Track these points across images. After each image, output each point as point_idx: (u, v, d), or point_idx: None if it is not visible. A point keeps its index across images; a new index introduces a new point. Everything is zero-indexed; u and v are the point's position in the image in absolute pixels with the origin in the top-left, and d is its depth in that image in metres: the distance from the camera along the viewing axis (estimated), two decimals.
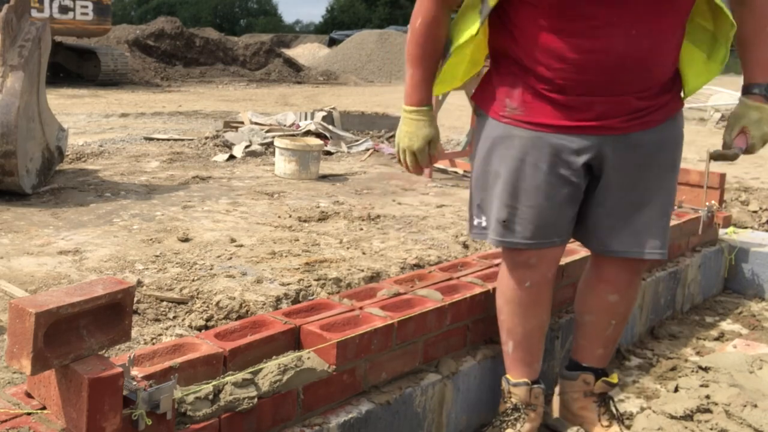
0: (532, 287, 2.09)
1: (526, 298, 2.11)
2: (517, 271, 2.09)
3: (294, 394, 1.78)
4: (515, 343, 2.17)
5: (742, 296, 3.81)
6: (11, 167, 3.95)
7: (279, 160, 5.33)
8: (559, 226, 2.03)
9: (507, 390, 2.19)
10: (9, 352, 1.31)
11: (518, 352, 2.17)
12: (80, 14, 13.72)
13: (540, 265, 2.07)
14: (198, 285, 2.70)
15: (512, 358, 2.19)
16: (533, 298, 2.11)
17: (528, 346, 2.17)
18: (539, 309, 2.14)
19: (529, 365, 2.18)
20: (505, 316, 2.17)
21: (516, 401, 2.17)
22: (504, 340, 2.20)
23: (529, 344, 2.17)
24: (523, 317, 2.14)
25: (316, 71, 21.00)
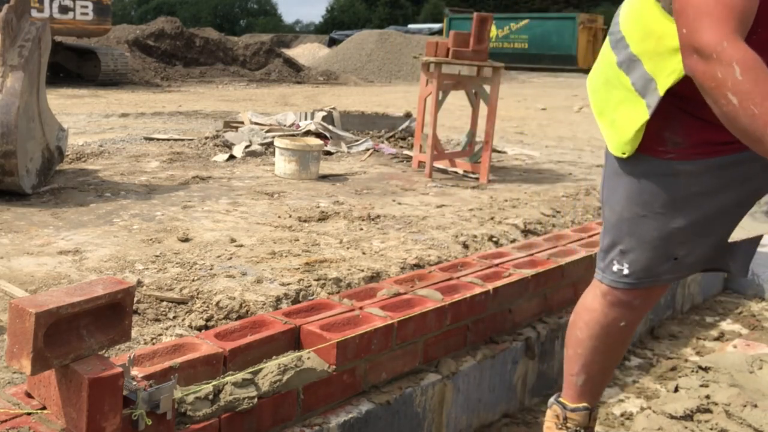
0: (626, 326, 1.95)
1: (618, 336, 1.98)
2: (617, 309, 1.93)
3: (294, 394, 1.78)
4: (589, 377, 2.05)
5: (742, 296, 3.81)
6: (11, 167, 3.95)
7: (279, 160, 5.33)
8: None
9: (563, 415, 2.08)
10: (9, 352, 1.31)
11: (588, 385, 2.06)
12: (80, 14, 13.72)
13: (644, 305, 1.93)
14: (198, 285, 2.70)
15: (581, 390, 2.07)
16: (624, 337, 1.99)
17: (600, 381, 2.07)
18: (625, 347, 2.04)
19: (594, 396, 2.08)
20: (585, 351, 2.03)
21: (574, 426, 2.07)
22: (576, 372, 2.06)
23: (602, 379, 2.07)
24: (606, 355, 2.02)
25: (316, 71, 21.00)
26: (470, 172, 5.60)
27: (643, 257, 1.85)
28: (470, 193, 4.96)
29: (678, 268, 1.86)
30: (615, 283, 1.89)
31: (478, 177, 5.47)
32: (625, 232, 1.86)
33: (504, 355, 2.36)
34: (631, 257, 1.86)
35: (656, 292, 1.94)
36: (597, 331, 1.98)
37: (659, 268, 1.85)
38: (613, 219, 1.89)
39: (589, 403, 2.08)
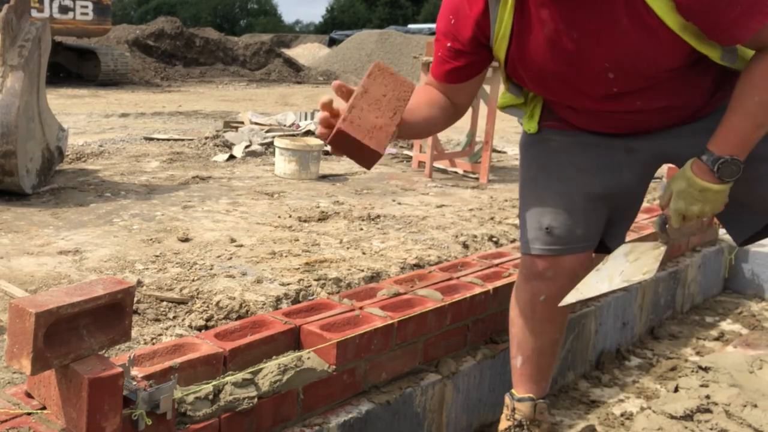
0: (548, 302, 2.01)
1: (543, 313, 2.03)
2: (532, 282, 2.02)
3: (294, 394, 1.78)
4: (524, 358, 2.09)
5: (742, 296, 3.81)
6: (11, 167, 3.95)
7: (279, 160, 5.33)
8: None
9: (511, 406, 2.13)
10: (9, 352, 1.31)
11: (527, 367, 2.10)
12: (80, 14, 13.72)
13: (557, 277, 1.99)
14: (198, 285, 2.70)
15: (520, 372, 2.11)
16: (550, 315, 2.03)
17: (538, 364, 2.09)
18: (553, 326, 2.07)
19: (536, 383, 2.11)
20: (517, 330, 2.10)
21: (520, 417, 2.11)
22: (513, 354, 2.12)
23: (539, 362, 2.09)
24: (535, 333, 2.07)
25: (316, 71, 20.99)
26: (470, 172, 5.60)
27: (528, 225, 2.01)
28: (470, 193, 4.96)
29: (555, 240, 1.96)
30: (521, 250, 2.04)
31: (478, 177, 5.47)
32: (521, 201, 2.06)
33: (504, 355, 2.36)
34: (523, 225, 2.03)
35: (564, 263, 1.98)
36: (522, 308, 2.07)
37: (539, 237, 1.98)
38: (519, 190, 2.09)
39: (534, 393, 2.11)
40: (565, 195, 1.96)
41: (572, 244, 1.97)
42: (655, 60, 1.64)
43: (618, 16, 1.57)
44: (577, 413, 2.52)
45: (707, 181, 1.67)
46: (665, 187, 1.80)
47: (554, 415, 2.47)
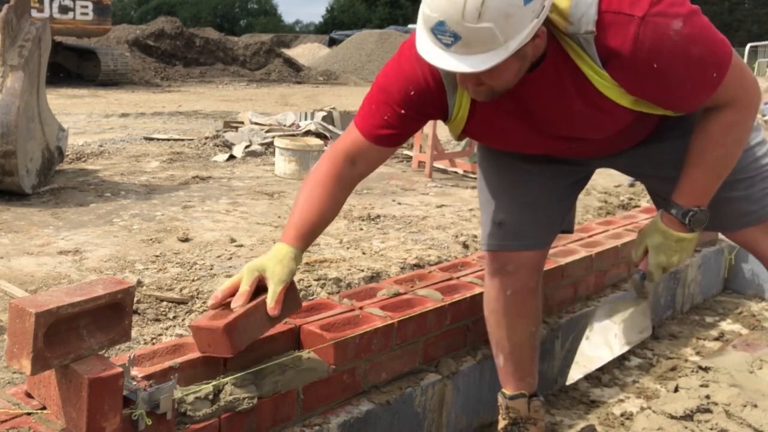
0: (515, 296, 2.05)
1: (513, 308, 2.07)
2: (496, 277, 2.06)
3: (294, 394, 1.78)
4: (505, 355, 2.12)
5: (742, 296, 3.81)
6: (11, 167, 3.95)
7: (279, 160, 5.33)
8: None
9: (504, 405, 2.14)
10: (9, 352, 1.31)
11: (509, 364, 2.12)
12: (80, 14, 13.72)
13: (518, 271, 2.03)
14: (198, 285, 2.70)
15: (504, 371, 2.14)
16: (520, 309, 2.07)
17: (519, 359, 2.11)
18: (525, 319, 2.09)
19: (521, 379, 2.13)
20: (492, 327, 2.13)
21: (515, 415, 2.13)
22: (495, 353, 2.16)
23: (520, 357, 2.11)
24: (509, 328, 2.09)
25: (316, 71, 20.99)
26: (470, 172, 5.60)
27: (483, 221, 2.07)
28: (470, 193, 4.96)
29: (508, 234, 2.01)
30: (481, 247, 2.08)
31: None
32: (479, 198, 2.10)
33: None
34: (482, 221, 2.07)
35: (521, 258, 2.02)
36: (491, 305, 2.10)
37: (493, 232, 2.02)
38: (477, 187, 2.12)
39: (524, 389, 2.13)
40: (515, 188, 2.01)
41: (525, 240, 2.02)
42: (610, 126, 1.73)
43: (573, 104, 1.64)
44: (577, 413, 2.52)
45: (681, 232, 1.77)
46: (637, 243, 1.84)
47: (554, 415, 2.47)
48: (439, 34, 1.44)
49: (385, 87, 1.75)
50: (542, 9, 1.44)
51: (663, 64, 1.51)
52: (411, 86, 1.70)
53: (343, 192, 1.83)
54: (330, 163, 1.81)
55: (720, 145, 1.69)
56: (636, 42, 1.48)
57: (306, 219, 1.76)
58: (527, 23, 1.42)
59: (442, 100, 1.72)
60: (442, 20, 1.41)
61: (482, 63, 1.44)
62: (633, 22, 1.48)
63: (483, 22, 1.39)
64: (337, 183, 1.79)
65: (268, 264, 1.69)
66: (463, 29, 1.40)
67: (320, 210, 1.77)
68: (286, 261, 1.70)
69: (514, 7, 1.39)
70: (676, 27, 1.49)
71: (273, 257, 1.70)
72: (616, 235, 3.16)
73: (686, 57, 1.52)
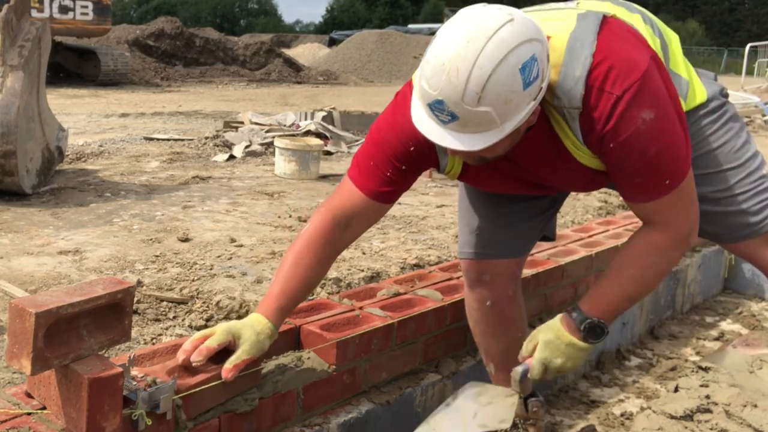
0: (495, 306, 2.04)
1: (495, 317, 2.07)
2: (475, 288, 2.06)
3: (294, 394, 1.78)
4: (495, 364, 2.13)
5: (742, 296, 3.81)
6: (11, 167, 3.95)
7: (279, 160, 5.33)
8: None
9: None
10: (9, 352, 1.31)
11: (501, 372, 2.12)
12: (80, 14, 13.72)
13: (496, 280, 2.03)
14: (198, 285, 2.70)
15: (497, 379, 2.14)
16: (502, 318, 2.06)
17: (509, 366, 2.06)
18: (509, 326, 2.09)
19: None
20: (479, 338, 2.13)
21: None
22: (485, 362, 2.16)
23: (510, 363, 2.06)
24: (495, 337, 2.09)
25: (316, 71, 20.99)
26: None
27: (460, 229, 2.08)
28: None
29: (483, 242, 2.01)
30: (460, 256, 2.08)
31: None
32: (458, 206, 2.12)
33: None
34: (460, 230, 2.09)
35: (498, 267, 2.02)
36: (474, 316, 2.10)
37: (469, 241, 2.03)
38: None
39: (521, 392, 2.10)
40: (492, 201, 2.00)
41: (500, 249, 2.01)
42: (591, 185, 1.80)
43: (555, 165, 1.67)
44: (577, 413, 2.52)
45: (574, 337, 1.70)
46: (530, 337, 1.79)
47: (554, 415, 2.47)
48: (436, 111, 1.43)
49: (382, 143, 1.72)
50: (539, 91, 1.44)
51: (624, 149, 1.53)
52: (410, 142, 1.68)
53: (332, 258, 1.80)
54: (323, 225, 1.75)
55: (637, 265, 1.68)
56: (609, 121, 1.50)
57: (290, 290, 1.71)
58: (525, 106, 1.42)
59: (436, 156, 1.73)
60: (441, 99, 1.40)
61: (477, 143, 1.44)
62: (611, 101, 1.49)
63: (482, 107, 1.38)
64: (327, 249, 1.75)
65: (244, 331, 1.63)
66: (462, 111, 1.40)
67: (306, 281, 1.73)
68: (262, 337, 1.64)
69: (514, 93, 1.39)
70: (645, 116, 1.50)
71: (251, 327, 1.65)
72: (616, 235, 3.16)
73: (644, 151, 1.53)
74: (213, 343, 1.59)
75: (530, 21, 1.44)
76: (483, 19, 1.39)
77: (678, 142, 1.58)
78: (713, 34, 50.11)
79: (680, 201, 1.62)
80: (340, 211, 1.76)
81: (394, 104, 1.73)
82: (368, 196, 1.75)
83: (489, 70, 1.36)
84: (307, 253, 1.73)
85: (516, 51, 1.37)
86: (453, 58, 1.37)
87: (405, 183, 1.78)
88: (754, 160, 1.85)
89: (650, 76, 1.53)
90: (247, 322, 1.66)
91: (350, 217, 1.76)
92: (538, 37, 1.42)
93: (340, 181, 1.83)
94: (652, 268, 1.69)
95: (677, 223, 1.65)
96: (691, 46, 42.66)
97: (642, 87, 1.50)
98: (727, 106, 1.87)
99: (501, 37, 1.37)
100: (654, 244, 1.66)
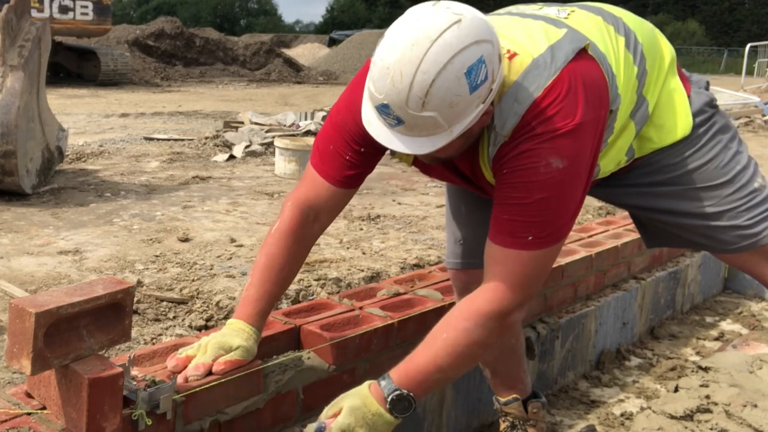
0: None
1: None
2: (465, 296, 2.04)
3: (294, 394, 1.78)
4: (491, 370, 2.12)
5: (742, 296, 3.81)
6: (11, 167, 3.95)
7: (279, 160, 5.33)
8: None
9: (500, 410, 2.15)
10: (9, 352, 1.31)
11: (497, 377, 2.12)
12: (80, 14, 13.73)
13: None
14: (198, 285, 2.70)
15: (494, 383, 2.14)
16: None
17: (504, 372, 2.11)
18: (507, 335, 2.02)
19: (512, 387, 2.12)
20: None
21: (512, 418, 2.13)
22: (482, 367, 2.15)
23: (505, 369, 2.11)
24: None
25: (316, 71, 21.00)
26: None
27: (447, 238, 2.07)
28: None
29: (468, 252, 1.99)
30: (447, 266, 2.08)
31: None
32: (445, 215, 2.10)
33: None
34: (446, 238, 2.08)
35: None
36: None
37: (454, 250, 2.02)
38: None
39: (519, 395, 2.12)
40: (473, 206, 1.97)
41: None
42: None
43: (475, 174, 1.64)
44: (577, 413, 2.52)
45: (382, 408, 1.53)
46: (335, 401, 1.58)
47: (554, 415, 2.47)
48: (383, 115, 1.41)
49: (341, 127, 1.68)
50: (489, 93, 1.40)
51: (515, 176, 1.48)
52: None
53: (305, 253, 1.78)
54: (291, 221, 1.72)
55: (451, 329, 1.54)
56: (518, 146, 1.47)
57: (266, 293, 1.68)
58: (473, 109, 1.39)
59: None
60: (387, 103, 1.38)
61: (424, 146, 1.42)
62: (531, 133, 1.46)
63: (427, 111, 1.36)
64: (298, 245, 1.72)
65: (234, 341, 1.61)
66: (407, 115, 1.37)
67: (280, 281, 1.71)
68: (250, 342, 1.64)
69: (459, 97, 1.35)
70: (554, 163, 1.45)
71: (237, 336, 1.63)
72: (616, 235, 3.16)
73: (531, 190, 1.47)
74: (208, 360, 1.58)
75: (481, 20, 1.38)
76: (429, 21, 1.34)
77: (569, 205, 1.51)
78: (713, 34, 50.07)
79: (528, 268, 1.51)
80: (307, 204, 1.72)
81: (353, 84, 1.69)
82: (332, 183, 1.70)
83: (432, 75, 1.32)
84: (280, 252, 1.70)
85: (461, 54, 1.32)
86: (397, 62, 1.34)
87: (367, 165, 1.72)
88: (744, 174, 1.77)
89: (583, 131, 1.47)
90: (232, 332, 1.64)
91: (318, 208, 1.73)
92: (488, 37, 1.37)
93: (305, 168, 1.80)
94: (464, 336, 1.52)
95: (509, 291, 1.52)
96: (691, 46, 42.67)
97: (568, 135, 1.45)
98: (715, 117, 1.80)
99: (446, 41, 1.32)
100: (473, 309, 1.54)
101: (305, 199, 1.73)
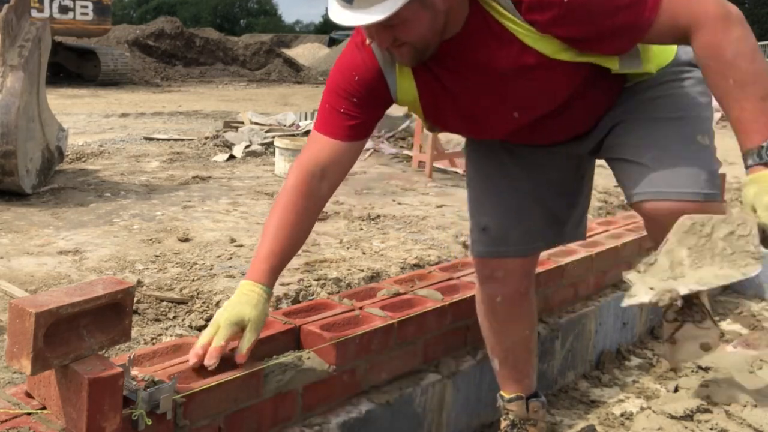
0: (504, 302, 2.04)
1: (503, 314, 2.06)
2: (486, 284, 2.05)
3: (294, 394, 1.78)
4: (500, 360, 2.13)
5: (742, 296, 3.81)
6: (11, 167, 3.95)
7: (279, 160, 5.33)
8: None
9: (503, 407, 2.16)
10: (9, 352, 1.31)
11: (504, 369, 2.13)
12: (80, 14, 13.73)
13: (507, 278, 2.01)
14: (198, 285, 2.70)
15: (500, 375, 2.15)
16: (511, 315, 2.06)
17: (514, 363, 2.12)
18: (517, 324, 2.09)
19: (518, 381, 2.13)
20: (486, 332, 2.13)
21: (513, 417, 2.14)
22: (490, 357, 2.16)
23: (515, 360, 2.12)
24: (502, 333, 2.10)
25: (316, 71, 20.99)
26: None
27: (471, 227, 2.06)
28: None
29: (492, 241, 1.99)
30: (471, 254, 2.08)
31: None
32: (468, 204, 2.09)
33: None
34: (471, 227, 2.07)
35: (509, 265, 2.00)
36: (483, 310, 2.09)
37: (479, 239, 2.02)
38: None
39: (521, 391, 2.13)
40: (498, 194, 1.98)
41: (511, 246, 1.98)
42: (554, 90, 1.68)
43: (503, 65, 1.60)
44: (577, 413, 2.52)
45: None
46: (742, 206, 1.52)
47: (554, 415, 2.47)
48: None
49: (335, 87, 1.74)
50: None
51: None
52: (353, 72, 1.71)
53: (315, 212, 1.79)
54: (297, 181, 1.74)
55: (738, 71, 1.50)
56: None
57: (278, 249, 1.70)
58: None
59: (384, 80, 1.71)
60: None
61: (382, 12, 1.46)
62: None
63: None
64: (307, 202, 1.74)
65: (245, 312, 1.62)
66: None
67: (292, 238, 1.73)
68: (260, 306, 1.64)
69: None
70: None
71: (247, 303, 1.63)
72: (616, 235, 3.16)
73: None
74: (221, 341, 1.59)
75: None
76: None
77: None
78: None
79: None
80: (312, 162, 1.74)
81: (341, 54, 1.76)
82: (334, 137, 1.74)
83: None
84: (290, 210, 1.72)
85: None
86: None
87: (366, 115, 1.74)
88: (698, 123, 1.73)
89: None
90: (240, 299, 1.64)
91: (324, 165, 1.74)
92: None
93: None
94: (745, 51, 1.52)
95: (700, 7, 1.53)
96: None
97: None
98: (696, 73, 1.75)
99: None
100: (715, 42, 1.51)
101: (309, 158, 1.76)
